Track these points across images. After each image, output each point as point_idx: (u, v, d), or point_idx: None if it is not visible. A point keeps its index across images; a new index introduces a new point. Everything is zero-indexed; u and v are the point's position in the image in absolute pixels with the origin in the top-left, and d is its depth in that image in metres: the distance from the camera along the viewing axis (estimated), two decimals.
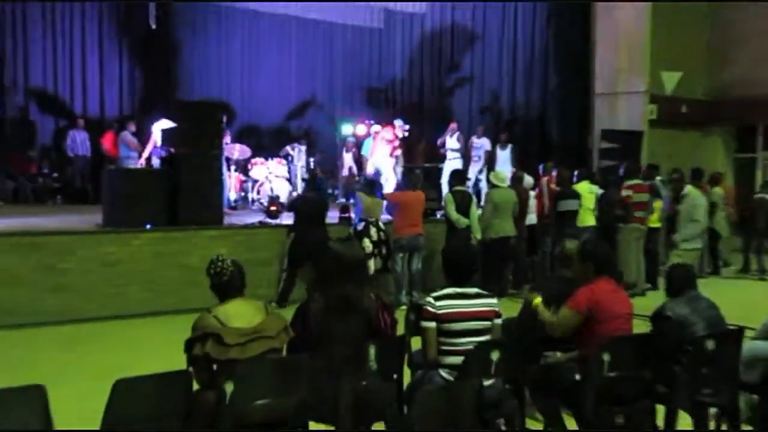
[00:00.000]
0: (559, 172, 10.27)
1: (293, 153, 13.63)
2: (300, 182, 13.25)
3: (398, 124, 13.40)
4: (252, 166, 13.22)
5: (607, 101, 15.09)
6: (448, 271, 4.15)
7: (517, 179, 10.49)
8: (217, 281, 3.66)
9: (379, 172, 12.38)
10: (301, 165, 13.54)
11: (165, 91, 15.80)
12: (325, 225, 9.23)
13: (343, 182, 13.75)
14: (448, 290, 4.04)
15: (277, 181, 12.87)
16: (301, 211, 9.07)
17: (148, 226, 8.87)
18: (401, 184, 11.08)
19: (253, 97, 17.36)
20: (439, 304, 3.97)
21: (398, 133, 13.17)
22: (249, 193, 13.19)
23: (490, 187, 10.47)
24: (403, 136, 13.37)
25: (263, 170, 13.06)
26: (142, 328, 7.99)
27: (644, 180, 10.34)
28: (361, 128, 13.89)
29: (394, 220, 9.22)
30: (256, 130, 16.76)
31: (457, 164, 13.05)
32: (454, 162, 13.32)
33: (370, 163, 12.92)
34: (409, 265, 9.20)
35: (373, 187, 9.59)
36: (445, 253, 4.29)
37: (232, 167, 12.82)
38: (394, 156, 12.93)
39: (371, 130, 13.41)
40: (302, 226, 8.92)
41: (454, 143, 13.77)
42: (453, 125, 14.02)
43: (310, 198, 9.28)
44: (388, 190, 10.87)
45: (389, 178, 12.39)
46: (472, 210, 9.44)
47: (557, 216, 9.73)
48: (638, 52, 14.65)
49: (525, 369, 4.32)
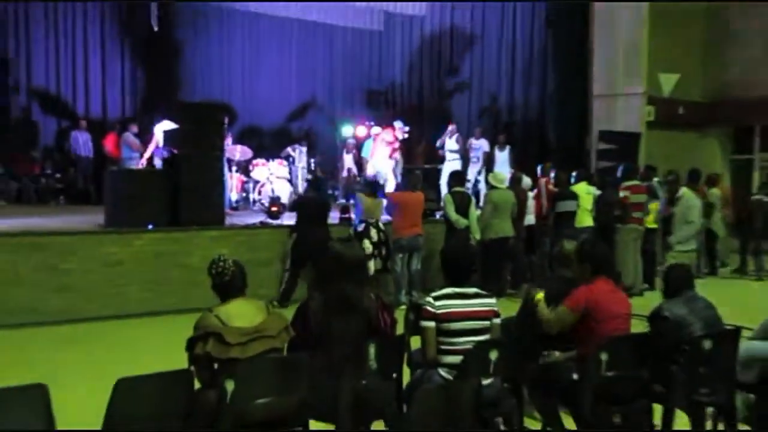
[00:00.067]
0: (557, 174, 10.27)
1: (294, 154, 13.64)
2: (301, 183, 13.25)
3: (398, 126, 13.41)
4: (253, 167, 13.23)
5: (605, 103, 15.07)
6: (447, 271, 4.15)
7: (515, 180, 10.48)
8: (219, 281, 3.66)
9: (380, 173, 12.38)
10: (302, 166, 13.54)
11: (167, 93, 15.81)
12: (327, 225, 9.23)
13: (343, 183, 13.75)
14: (447, 290, 4.03)
15: (278, 182, 12.88)
16: (302, 212, 9.07)
17: (150, 227, 8.86)
18: (401, 185, 11.08)
19: (254, 98, 17.36)
20: (438, 304, 3.96)
21: (398, 134, 13.18)
22: (250, 194, 13.19)
23: (488, 188, 10.47)
24: (402, 138, 13.38)
25: (264, 171, 13.07)
26: (144, 327, 7.99)
27: (642, 181, 10.35)
28: (361, 130, 13.89)
29: (394, 221, 9.22)
30: (257, 131, 16.76)
31: (456, 165, 13.05)
32: (453, 163, 13.32)
33: (370, 165, 12.91)
34: (409, 265, 9.20)
35: (374, 188, 9.59)
36: (444, 254, 4.29)
37: (234, 168, 12.82)
38: (393, 157, 12.93)
39: (371, 132, 13.40)
40: (304, 227, 8.91)
41: (453, 144, 13.77)
42: (452, 127, 14.03)
43: (312, 198, 9.29)
44: (388, 191, 10.87)
45: (389, 180, 12.39)
46: (471, 211, 9.44)
47: (555, 217, 9.74)
48: (636, 55, 14.65)
49: (523, 368, 4.33)
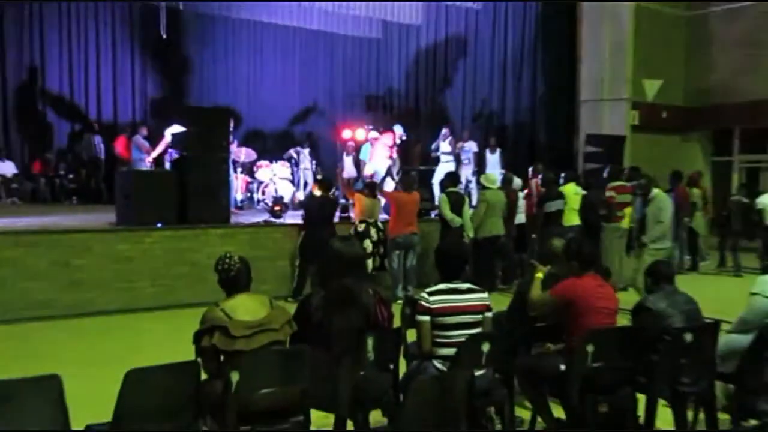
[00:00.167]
0: (545, 175, 10.30)
1: (296, 156, 13.64)
2: (302, 183, 13.27)
3: (398, 132, 13.45)
4: (257, 169, 13.23)
5: (592, 108, 15.10)
6: (442, 267, 4.15)
7: (506, 181, 10.50)
8: (225, 277, 3.66)
9: (378, 173, 12.40)
10: (304, 167, 13.53)
11: (175, 97, 15.82)
12: (333, 224, 9.24)
13: (343, 184, 13.75)
14: (442, 286, 4.04)
15: (281, 183, 12.90)
16: (310, 211, 9.09)
17: (159, 225, 8.86)
18: (398, 186, 11.10)
19: (259, 103, 17.36)
20: (432, 299, 3.97)
21: (397, 139, 13.22)
22: (254, 194, 13.19)
23: (481, 188, 10.48)
24: (400, 141, 13.41)
25: (268, 172, 13.08)
26: (153, 321, 7.99)
27: (627, 182, 10.35)
28: (361, 133, 13.89)
29: (390, 220, 9.23)
30: (261, 134, 16.76)
31: (450, 167, 13.05)
32: (447, 165, 13.32)
33: (369, 167, 12.92)
34: (405, 262, 9.22)
35: (373, 189, 9.61)
36: (439, 251, 4.29)
37: (239, 169, 12.82)
38: (391, 159, 12.94)
39: (368, 136, 13.41)
40: (311, 225, 8.96)
41: (446, 147, 13.78)
42: (445, 130, 14.03)
43: (319, 198, 9.28)
44: (387, 190, 10.87)
45: (387, 181, 12.40)
46: (465, 210, 9.45)
47: (544, 216, 9.75)
48: (621, 62, 14.68)
49: (514, 360, 4.34)
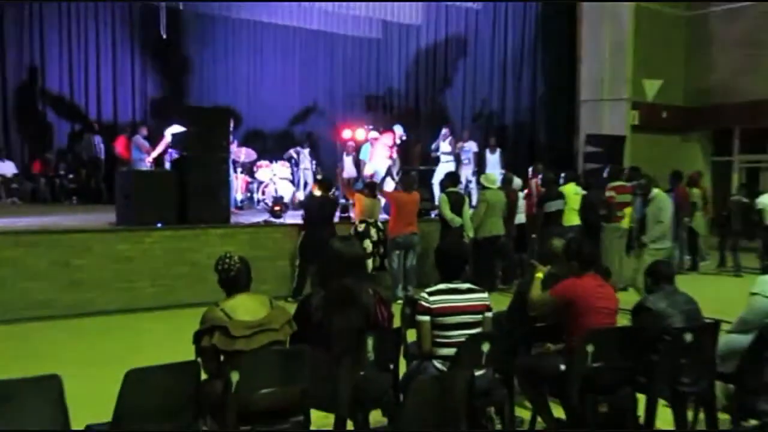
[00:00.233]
0: (544, 175, 10.28)
1: (296, 156, 13.63)
2: (303, 183, 13.25)
3: (398, 132, 13.44)
4: (257, 169, 13.22)
5: (592, 108, 15.09)
6: (442, 267, 4.14)
7: (506, 181, 10.48)
8: (225, 277, 3.65)
9: (378, 173, 12.38)
10: (304, 167, 13.52)
11: (175, 98, 15.79)
12: (333, 224, 9.22)
13: (343, 184, 13.74)
14: (442, 286, 4.03)
15: (281, 183, 12.88)
16: (310, 211, 9.08)
17: (159, 225, 8.85)
18: (398, 186, 11.09)
19: (259, 103, 17.34)
20: (432, 299, 3.96)
21: (397, 139, 13.22)
22: (254, 194, 13.18)
23: (481, 188, 10.47)
24: (400, 141, 13.40)
25: (268, 172, 13.06)
26: (153, 321, 7.98)
27: (627, 182, 10.33)
28: (360, 133, 13.88)
29: (390, 220, 9.22)
30: (261, 134, 16.74)
31: (450, 167, 13.04)
32: (447, 165, 13.31)
33: (369, 166, 12.91)
34: (404, 262, 9.20)
35: (373, 189, 9.59)
36: (439, 251, 4.27)
37: (239, 169, 12.81)
38: (390, 158, 12.93)
39: (368, 136, 13.41)
40: (311, 225, 8.95)
41: (446, 147, 13.77)
42: (445, 130, 14.02)
43: (320, 198, 9.27)
44: (387, 190, 10.86)
45: (387, 181, 12.39)
46: (465, 210, 9.44)
47: (544, 216, 9.74)
48: (621, 62, 14.67)
49: (514, 360, 4.32)
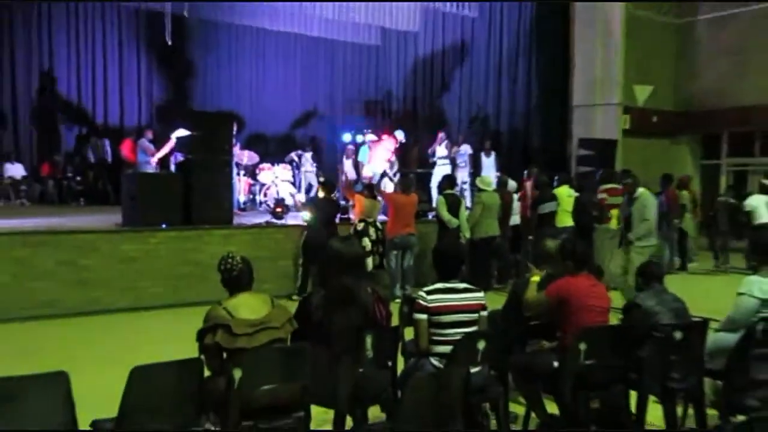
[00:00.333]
0: (538, 178, 10.29)
1: (297, 159, 13.63)
2: (305, 185, 13.26)
3: (399, 137, 13.45)
4: (259, 171, 13.20)
5: (585, 112, 15.12)
6: (439, 267, 4.14)
7: (501, 183, 10.49)
8: (227, 276, 3.65)
9: (375, 175, 12.38)
10: (305, 170, 13.52)
11: (180, 102, 15.79)
12: (335, 225, 9.21)
13: (343, 186, 13.74)
14: (439, 285, 4.02)
15: (283, 185, 12.88)
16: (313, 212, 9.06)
17: (164, 226, 8.85)
18: (397, 188, 11.09)
19: (261, 107, 17.34)
20: (430, 298, 3.96)
21: (397, 143, 13.24)
22: (257, 196, 13.17)
23: (476, 190, 10.47)
24: (399, 145, 13.41)
25: (270, 175, 13.06)
26: (158, 319, 7.97)
27: (618, 184, 10.31)
28: (360, 137, 13.90)
29: (389, 221, 9.21)
30: (263, 138, 16.73)
31: (447, 170, 13.03)
32: (443, 168, 13.30)
33: (368, 168, 12.91)
34: (402, 262, 9.19)
35: (372, 191, 9.59)
36: (436, 251, 4.28)
37: (242, 172, 12.80)
38: (389, 162, 12.94)
39: (366, 139, 13.42)
40: (314, 225, 8.92)
41: (442, 151, 13.76)
42: (441, 134, 14.01)
43: (322, 200, 9.26)
44: (385, 192, 10.86)
45: (385, 182, 12.39)
46: (462, 211, 9.44)
47: (538, 218, 9.75)
48: (613, 68, 14.69)
49: (509, 357, 4.32)
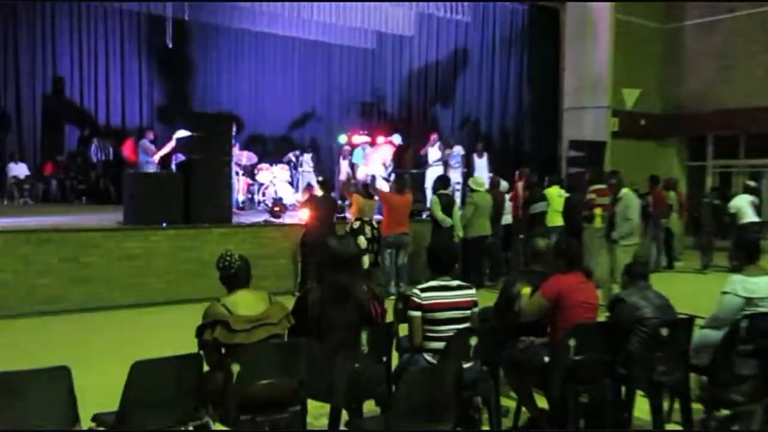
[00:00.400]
0: (528, 179, 10.32)
1: (295, 159, 13.63)
2: (304, 185, 13.24)
3: (397, 142, 13.46)
4: (258, 171, 13.19)
5: (575, 115, 15.15)
6: (433, 265, 4.16)
7: (493, 184, 10.52)
8: (226, 274, 3.65)
9: (374, 177, 12.39)
10: (306, 171, 13.50)
11: (181, 104, 15.74)
12: (333, 223, 9.21)
13: (339, 186, 13.74)
14: (433, 283, 4.04)
15: (281, 185, 12.87)
16: (312, 210, 9.07)
17: (165, 224, 8.84)
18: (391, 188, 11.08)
19: (260, 109, 17.27)
20: (424, 295, 3.97)
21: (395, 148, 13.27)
22: (255, 195, 13.15)
23: (469, 191, 10.49)
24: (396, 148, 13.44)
25: (268, 175, 13.05)
26: (158, 315, 7.97)
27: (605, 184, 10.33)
28: (356, 138, 13.90)
29: (383, 220, 9.23)
30: (262, 138, 16.69)
31: (439, 171, 13.05)
32: (436, 169, 13.31)
33: (362, 170, 12.92)
34: (396, 260, 9.21)
35: (368, 191, 9.60)
36: (430, 249, 4.30)
37: (240, 172, 12.78)
38: (384, 165, 12.95)
39: (361, 141, 13.45)
40: (313, 223, 8.92)
41: (435, 152, 13.76)
42: (433, 136, 14.00)
43: (322, 199, 9.26)
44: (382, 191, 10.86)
45: (381, 183, 12.39)
46: (455, 211, 9.46)
47: (529, 217, 9.77)
48: (602, 72, 14.73)
49: (500, 353, 4.34)
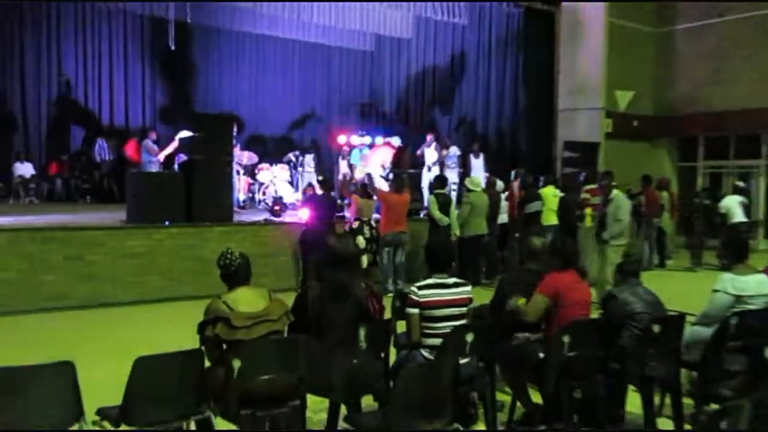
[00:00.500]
0: (524, 178, 10.31)
1: (295, 159, 13.62)
2: (305, 185, 13.22)
3: (396, 144, 13.46)
4: (258, 171, 13.17)
5: (569, 116, 15.16)
6: (430, 263, 4.17)
7: (489, 184, 10.51)
8: (227, 271, 3.64)
9: (371, 176, 12.37)
10: (307, 170, 13.48)
11: (182, 105, 15.73)
12: (332, 222, 9.19)
13: (338, 186, 13.72)
14: (430, 280, 4.04)
15: (281, 184, 12.87)
16: (312, 209, 9.05)
17: (167, 223, 8.83)
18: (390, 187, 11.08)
19: (260, 110, 17.28)
20: (421, 293, 3.97)
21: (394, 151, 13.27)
22: (256, 195, 13.13)
23: (466, 191, 10.49)
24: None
25: (268, 174, 13.03)
26: (161, 312, 7.96)
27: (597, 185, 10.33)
28: (354, 138, 13.90)
29: (381, 219, 9.22)
30: (262, 139, 16.69)
31: (435, 171, 13.04)
32: (433, 170, 13.30)
33: (360, 170, 12.91)
34: (394, 258, 9.20)
35: (367, 191, 9.59)
36: (428, 248, 4.33)
37: (241, 171, 12.76)
38: (382, 167, 12.95)
39: (359, 141, 13.44)
40: (313, 222, 8.90)
41: (432, 153, 13.74)
42: (430, 137, 13.99)
43: (321, 197, 9.23)
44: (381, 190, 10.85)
45: (380, 184, 12.38)
46: (452, 210, 9.45)
47: (524, 217, 9.77)
48: (596, 75, 14.74)
49: (496, 349, 4.34)
